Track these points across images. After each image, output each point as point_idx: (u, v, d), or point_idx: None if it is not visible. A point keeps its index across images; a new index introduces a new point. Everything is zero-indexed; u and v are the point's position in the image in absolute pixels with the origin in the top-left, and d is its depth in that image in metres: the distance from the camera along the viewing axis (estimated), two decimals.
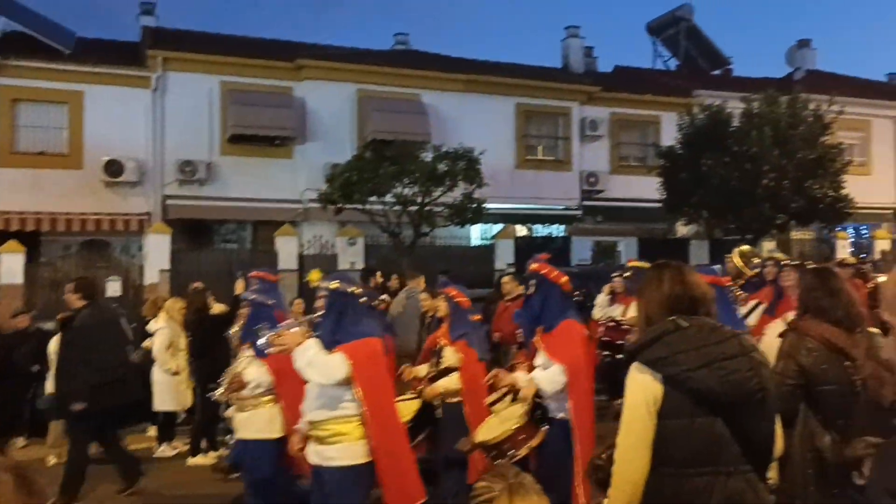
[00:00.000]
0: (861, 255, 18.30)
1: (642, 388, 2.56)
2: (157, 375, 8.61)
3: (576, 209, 22.25)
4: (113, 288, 15.84)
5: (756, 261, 7.53)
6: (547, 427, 4.58)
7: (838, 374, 3.51)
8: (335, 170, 16.30)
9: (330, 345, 4.09)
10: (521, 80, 22.13)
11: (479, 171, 15.99)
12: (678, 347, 2.53)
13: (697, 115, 18.72)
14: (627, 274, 8.49)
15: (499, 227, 20.07)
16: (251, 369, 5.15)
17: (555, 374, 4.49)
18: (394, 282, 12.56)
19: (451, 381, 5.45)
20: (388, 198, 15.61)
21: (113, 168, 17.80)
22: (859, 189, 19.40)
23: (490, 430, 4.67)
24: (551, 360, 4.52)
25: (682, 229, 21.93)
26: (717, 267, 6.26)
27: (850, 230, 23.01)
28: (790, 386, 3.54)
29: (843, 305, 3.63)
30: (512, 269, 15.46)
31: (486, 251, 19.28)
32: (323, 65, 19.98)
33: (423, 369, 5.89)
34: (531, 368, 4.75)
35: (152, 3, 21.70)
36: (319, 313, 4.37)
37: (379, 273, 12.02)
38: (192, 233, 18.77)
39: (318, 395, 4.15)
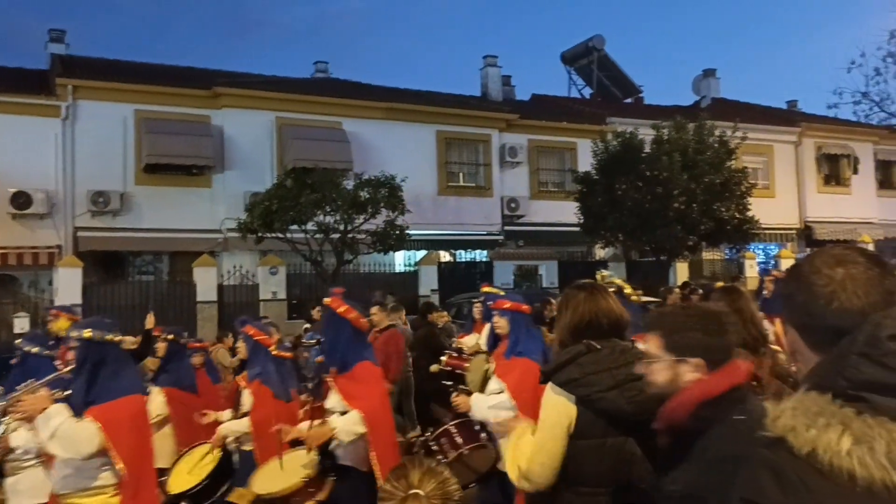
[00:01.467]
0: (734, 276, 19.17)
1: (556, 409, 2.64)
2: None
3: (497, 234, 22.61)
4: (21, 324, 15.17)
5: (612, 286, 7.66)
6: (334, 477, 4.18)
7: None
8: (255, 198, 16.13)
9: (82, 407, 3.50)
10: (442, 108, 22.46)
11: (402, 198, 16.12)
12: (590, 369, 2.61)
13: (611, 142, 19.36)
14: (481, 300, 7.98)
15: (422, 253, 20.20)
16: (19, 433, 4.40)
17: (353, 423, 4.06)
18: (316, 313, 12.48)
19: (238, 425, 5.04)
20: (310, 226, 15.54)
21: (20, 200, 17.11)
22: (764, 211, 20.40)
23: (271, 480, 4.20)
24: (347, 406, 4.13)
25: (599, 252, 22.53)
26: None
27: (758, 250, 24.12)
28: None
29: (747, 325, 3.62)
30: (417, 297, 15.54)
31: (411, 277, 19.36)
32: (241, 93, 19.80)
33: (224, 414, 5.51)
34: (321, 411, 4.40)
35: (62, 31, 21.13)
36: (69, 368, 3.73)
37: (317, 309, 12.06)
38: (106, 265, 18.16)
39: (64, 465, 3.53)
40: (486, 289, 7.79)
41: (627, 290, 6.22)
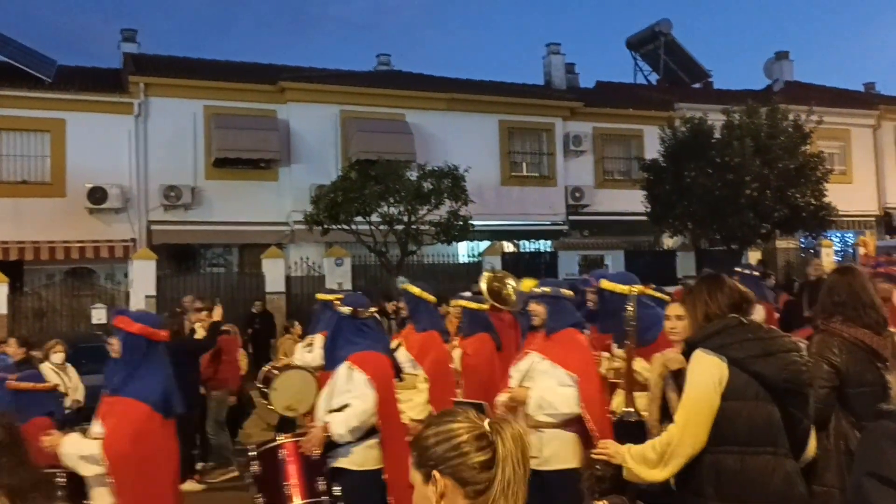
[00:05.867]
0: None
1: (710, 369, 2.76)
2: None
3: (562, 224, 22.32)
4: (98, 315, 15.71)
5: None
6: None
7: (871, 375, 3.44)
8: (320, 191, 16.31)
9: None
10: (504, 97, 22.28)
11: (465, 189, 16.08)
12: (741, 337, 2.79)
13: (679, 128, 18.88)
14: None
15: (486, 243, 20.11)
16: None
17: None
18: (391, 307, 12.46)
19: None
20: (374, 217, 15.64)
21: (96, 195, 17.71)
22: (841, 197, 19.59)
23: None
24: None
25: (668, 241, 22.02)
26: None
27: (835, 238, 23.20)
28: (825, 388, 3.46)
29: (867, 308, 3.52)
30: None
31: (474, 268, 19.27)
32: (306, 87, 20.04)
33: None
34: None
35: (133, 31, 21.74)
36: None
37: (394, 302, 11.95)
38: (178, 258, 18.68)
39: None
40: (405, 286, 6.26)
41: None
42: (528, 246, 22.25)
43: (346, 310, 4.43)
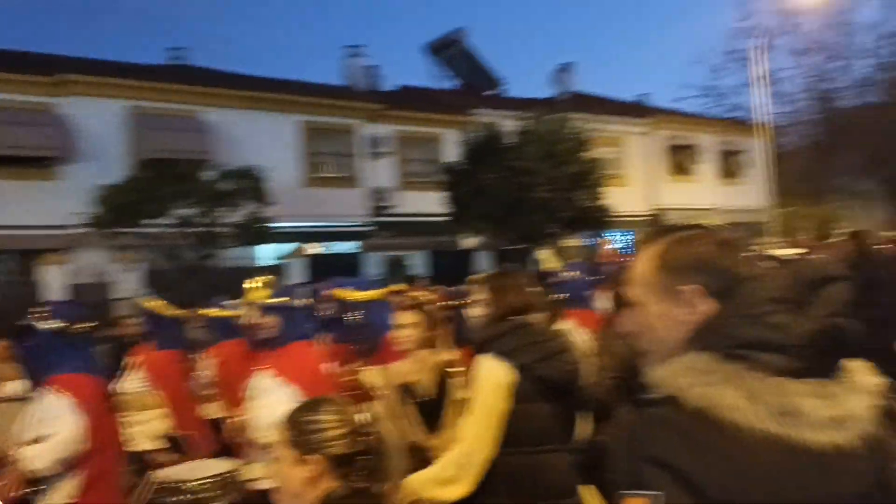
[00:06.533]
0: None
1: (496, 375, 2.87)
2: None
3: (367, 225, 22.52)
4: None
5: None
6: None
7: None
8: (107, 191, 15.27)
9: None
10: (305, 97, 22.05)
11: (265, 190, 15.75)
12: (525, 341, 2.94)
13: (475, 132, 19.74)
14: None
15: (292, 245, 19.82)
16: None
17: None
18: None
19: None
20: (169, 219, 14.89)
21: None
22: (618, 199, 21.48)
23: None
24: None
25: (468, 241, 22.94)
26: None
27: (615, 237, 25.35)
28: (611, 379, 3.61)
29: None
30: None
31: (277, 271, 18.96)
32: (89, 80, 18.59)
33: None
34: None
35: None
36: None
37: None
38: None
39: None
40: (146, 303, 5.85)
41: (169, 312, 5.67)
42: (336, 248, 22.20)
43: (53, 325, 3.76)
